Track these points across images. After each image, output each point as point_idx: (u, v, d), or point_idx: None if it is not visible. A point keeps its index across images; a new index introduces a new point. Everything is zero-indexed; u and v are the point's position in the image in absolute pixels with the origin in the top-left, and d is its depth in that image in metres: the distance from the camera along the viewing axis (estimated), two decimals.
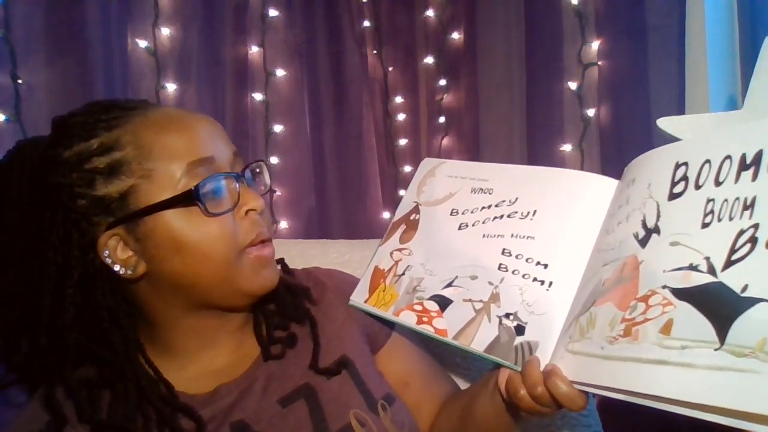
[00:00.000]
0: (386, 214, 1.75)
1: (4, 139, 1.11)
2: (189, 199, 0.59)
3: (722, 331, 0.41)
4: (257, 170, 0.68)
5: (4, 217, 0.62)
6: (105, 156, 0.59)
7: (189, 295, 0.62)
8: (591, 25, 1.40)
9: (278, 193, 1.63)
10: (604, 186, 0.63)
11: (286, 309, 0.71)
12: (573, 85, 1.43)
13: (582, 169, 1.42)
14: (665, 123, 0.87)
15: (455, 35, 1.71)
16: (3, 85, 1.09)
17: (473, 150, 1.65)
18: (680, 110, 1.22)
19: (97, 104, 0.65)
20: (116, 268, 0.60)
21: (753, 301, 0.40)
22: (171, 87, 1.31)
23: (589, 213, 0.62)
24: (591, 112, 1.41)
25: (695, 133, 0.81)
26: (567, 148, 1.45)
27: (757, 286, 0.41)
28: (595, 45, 1.40)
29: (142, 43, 1.28)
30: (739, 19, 1.14)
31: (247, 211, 0.62)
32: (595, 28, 1.40)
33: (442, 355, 0.83)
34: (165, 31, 1.32)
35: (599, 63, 1.39)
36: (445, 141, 1.75)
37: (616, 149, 1.36)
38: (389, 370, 0.74)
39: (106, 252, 0.60)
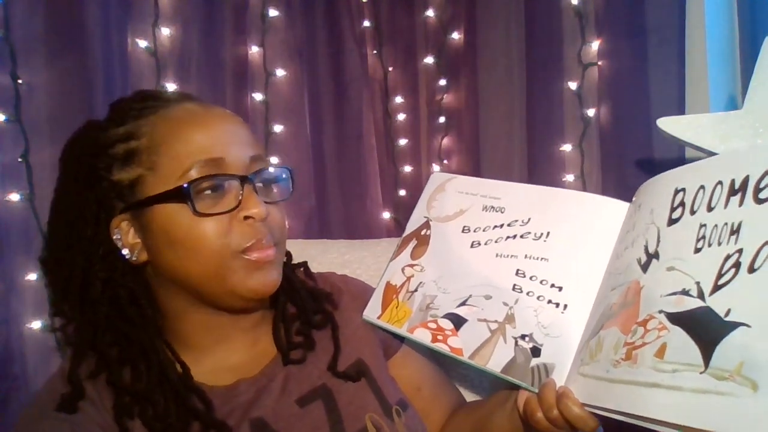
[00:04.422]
0: (386, 215, 1.75)
1: (4, 139, 1.11)
2: (179, 195, 0.59)
3: (707, 354, 0.43)
4: (284, 176, 0.68)
5: (65, 187, 0.65)
6: (124, 143, 0.62)
7: (186, 289, 0.63)
8: (591, 25, 1.40)
9: None
10: (616, 209, 0.63)
11: (308, 315, 0.70)
12: (573, 85, 1.43)
13: (582, 169, 1.43)
14: (665, 123, 0.87)
15: (455, 35, 1.71)
16: (3, 85, 1.09)
17: (473, 150, 1.65)
18: (680, 110, 1.22)
19: (142, 92, 0.69)
20: (124, 252, 0.62)
21: (734, 326, 0.42)
22: (171, 87, 1.31)
23: (601, 237, 0.63)
24: (591, 112, 1.41)
25: (694, 136, 0.81)
26: (567, 148, 1.45)
27: (738, 310, 0.42)
28: (595, 45, 1.40)
29: (142, 43, 1.28)
30: (739, 19, 1.14)
31: (245, 217, 0.61)
32: (595, 28, 1.40)
33: (447, 365, 0.83)
34: (165, 31, 1.32)
35: (599, 63, 1.39)
36: (445, 141, 1.75)
37: (616, 149, 1.36)
38: (402, 375, 0.74)
39: (117, 234, 0.62)
